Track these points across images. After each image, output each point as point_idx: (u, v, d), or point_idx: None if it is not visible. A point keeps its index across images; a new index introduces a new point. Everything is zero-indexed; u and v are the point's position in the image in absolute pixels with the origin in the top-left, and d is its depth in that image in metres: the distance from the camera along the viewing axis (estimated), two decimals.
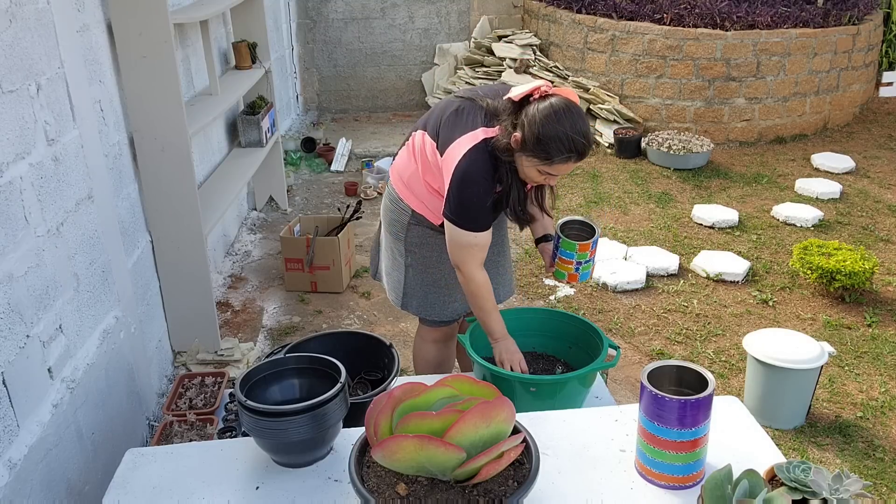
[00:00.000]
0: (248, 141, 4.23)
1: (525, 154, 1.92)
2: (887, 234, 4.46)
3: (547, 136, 1.85)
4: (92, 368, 2.25)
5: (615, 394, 2.98)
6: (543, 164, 1.92)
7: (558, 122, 1.85)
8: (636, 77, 5.96)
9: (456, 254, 2.07)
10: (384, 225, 2.33)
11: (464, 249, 2.05)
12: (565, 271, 2.19)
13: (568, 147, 1.87)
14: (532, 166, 1.94)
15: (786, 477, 1.25)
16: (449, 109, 2.06)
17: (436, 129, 2.07)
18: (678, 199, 5.00)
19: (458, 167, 1.95)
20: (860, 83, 6.46)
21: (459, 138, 1.98)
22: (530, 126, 1.87)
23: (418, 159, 2.13)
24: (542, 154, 1.89)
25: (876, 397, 2.99)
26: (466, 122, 2.00)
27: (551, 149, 1.87)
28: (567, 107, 1.88)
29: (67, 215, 2.17)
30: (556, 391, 1.96)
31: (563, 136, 1.86)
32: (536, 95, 1.90)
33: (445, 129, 2.03)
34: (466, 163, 1.95)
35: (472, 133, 1.97)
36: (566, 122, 1.86)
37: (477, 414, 1.14)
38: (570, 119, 1.87)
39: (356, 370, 1.97)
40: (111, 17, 2.62)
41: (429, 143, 2.09)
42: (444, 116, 2.06)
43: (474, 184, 1.97)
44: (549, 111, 1.87)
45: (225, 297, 3.79)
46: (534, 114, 1.87)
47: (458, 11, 6.89)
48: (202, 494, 1.42)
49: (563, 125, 1.86)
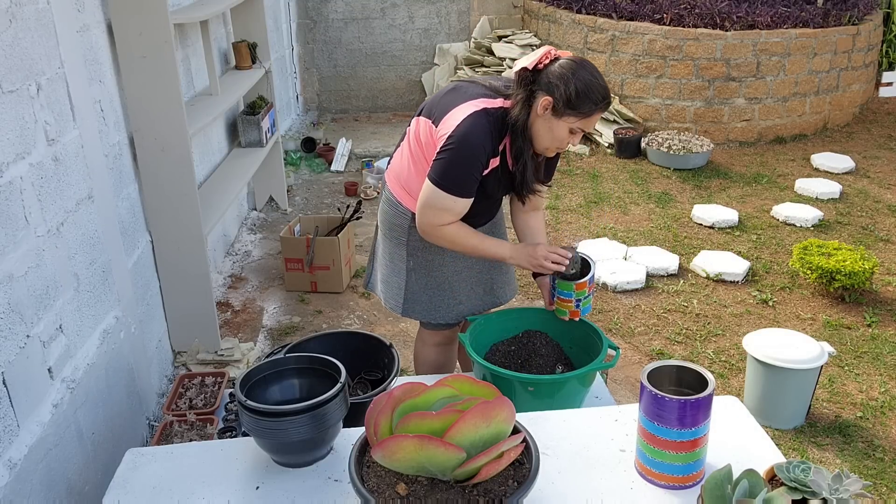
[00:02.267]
0: (248, 141, 4.23)
1: (559, 114, 1.91)
2: (887, 234, 4.46)
3: (584, 87, 1.88)
4: (92, 368, 2.26)
5: (615, 394, 2.98)
6: (581, 119, 1.92)
7: (589, 74, 1.90)
8: (636, 77, 5.96)
9: (428, 213, 2.01)
10: (382, 230, 2.29)
11: (438, 212, 1.99)
12: (566, 309, 2.13)
13: (603, 95, 1.91)
14: (567, 125, 1.93)
15: (786, 477, 1.25)
16: (445, 90, 2.08)
17: (431, 109, 2.06)
18: (678, 199, 5.00)
19: (457, 129, 1.93)
20: (860, 83, 6.46)
21: (458, 106, 1.97)
22: (563, 83, 1.88)
23: (413, 149, 2.10)
24: (582, 107, 1.90)
25: (876, 397, 2.99)
26: (465, 93, 2.00)
27: (591, 98, 1.89)
28: (585, 61, 1.94)
29: (67, 215, 2.17)
30: (555, 390, 1.96)
31: (596, 85, 1.90)
32: (546, 60, 1.92)
33: (442, 104, 2.02)
34: (466, 126, 1.93)
35: (472, 101, 1.96)
36: (595, 73, 1.91)
37: (477, 414, 1.14)
38: (595, 70, 1.93)
39: (356, 370, 1.97)
40: (111, 17, 2.62)
41: (423, 122, 2.06)
42: (439, 96, 2.07)
43: (471, 147, 1.94)
44: (574, 66, 1.90)
45: (225, 297, 3.79)
46: (561, 72, 1.89)
47: (458, 11, 6.89)
48: (202, 494, 1.42)
49: (593, 75, 1.90)
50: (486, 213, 2.22)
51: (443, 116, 1.99)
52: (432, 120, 2.03)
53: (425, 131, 2.05)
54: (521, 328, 2.26)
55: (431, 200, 1.99)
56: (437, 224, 2.02)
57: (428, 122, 2.05)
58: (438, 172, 1.96)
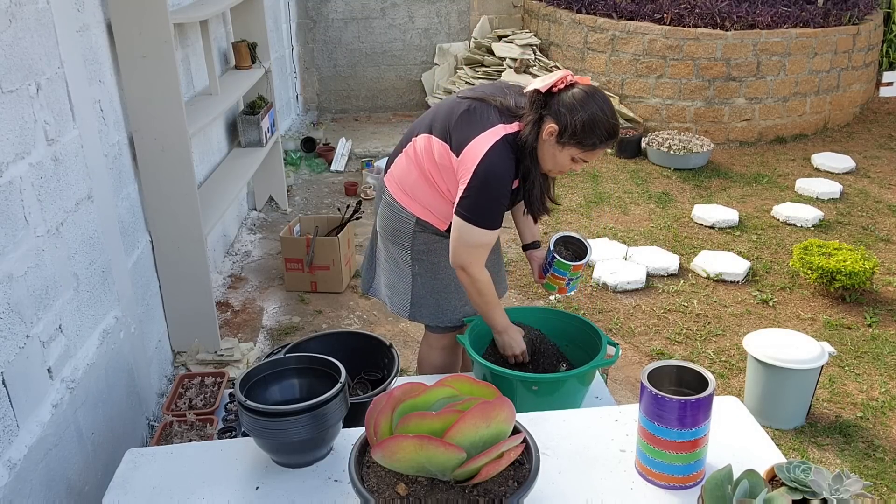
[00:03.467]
0: (247, 141, 4.23)
1: (564, 143, 1.92)
2: (887, 234, 4.46)
3: (591, 122, 1.88)
4: (92, 368, 2.25)
5: (615, 394, 2.98)
6: (585, 151, 1.93)
7: (598, 109, 1.88)
8: (636, 77, 5.96)
9: (463, 253, 2.04)
10: (384, 236, 2.28)
11: (473, 249, 2.02)
12: (556, 285, 2.25)
13: (610, 132, 1.91)
14: (569, 154, 1.94)
15: (786, 477, 1.25)
16: (458, 110, 2.03)
17: (445, 130, 2.04)
18: (678, 199, 5.00)
19: (481, 165, 1.93)
20: (860, 83, 6.46)
21: (478, 136, 1.96)
22: (571, 114, 1.87)
23: (424, 163, 2.09)
24: (587, 141, 1.90)
25: (876, 397, 2.99)
26: (482, 120, 1.99)
27: (595, 134, 1.89)
28: (599, 93, 1.92)
29: (67, 215, 2.17)
30: (555, 389, 1.96)
31: (604, 122, 1.89)
32: (562, 85, 1.91)
33: (459, 130, 2.00)
34: (490, 160, 1.93)
35: (492, 130, 1.96)
36: (605, 108, 1.90)
37: (477, 414, 1.14)
38: (606, 104, 1.91)
39: (356, 370, 1.97)
40: (111, 17, 2.62)
41: (437, 144, 2.05)
42: (453, 117, 2.03)
43: (498, 181, 1.95)
44: (585, 98, 1.88)
45: (225, 297, 3.79)
46: (571, 102, 1.88)
47: (458, 11, 6.89)
48: (202, 494, 1.42)
49: (603, 111, 1.89)
50: None
51: (462, 146, 1.98)
52: (450, 146, 2.02)
53: (441, 154, 2.05)
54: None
55: (466, 237, 2.01)
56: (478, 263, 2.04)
57: (444, 145, 2.04)
58: (470, 210, 1.98)
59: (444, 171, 2.06)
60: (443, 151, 2.04)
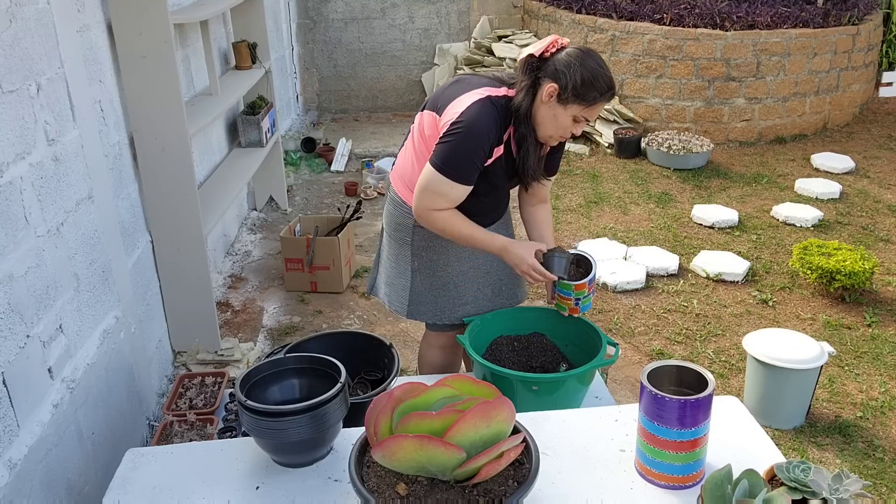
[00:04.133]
0: (248, 141, 4.23)
1: (565, 102, 1.93)
2: (887, 234, 4.46)
3: (590, 76, 1.90)
4: (92, 368, 2.26)
5: (615, 394, 2.98)
6: (587, 107, 1.94)
7: (595, 63, 1.92)
8: (636, 77, 5.96)
9: (425, 197, 2.00)
10: (388, 231, 2.29)
11: (434, 196, 1.99)
12: (566, 306, 2.16)
13: (608, 84, 1.93)
14: (571, 113, 1.95)
15: (786, 477, 1.25)
16: (449, 83, 2.09)
17: (435, 102, 2.07)
18: (678, 199, 5.00)
19: (461, 117, 1.94)
20: (860, 83, 6.46)
21: (462, 95, 1.98)
22: (570, 71, 1.90)
23: (418, 147, 2.10)
24: (588, 95, 1.92)
25: (876, 397, 2.99)
26: (469, 83, 2.02)
27: (596, 87, 1.91)
28: (591, 51, 1.96)
29: (67, 215, 2.17)
30: (554, 389, 1.96)
31: (601, 75, 1.92)
32: (553, 49, 1.94)
33: (446, 96, 2.04)
34: (469, 113, 1.94)
35: (477, 90, 1.98)
36: (601, 63, 1.94)
37: (477, 414, 1.14)
38: (600, 59, 1.95)
39: (356, 370, 1.97)
40: (111, 17, 2.62)
41: (427, 116, 2.07)
42: (444, 90, 2.08)
43: (473, 135, 1.94)
44: (581, 54, 1.92)
45: (225, 297, 3.79)
46: (568, 60, 1.91)
47: (458, 11, 6.89)
48: (202, 494, 1.42)
49: (599, 65, 1.92)
50: (493, 209, 2.22)
51: (447, 105, 2.01)
52: (436, 111, 2.05)
53: (430, 124, 2.06)
54: (519, 328, 2.26)
55: (429, 184, 1.99)
56: (431, 208, 2.02)
57: (432, 114, 2.06)
58: (440, 157, 1.97)
59: (431, 141, 2.05)
60: (430, 122, 2.06)
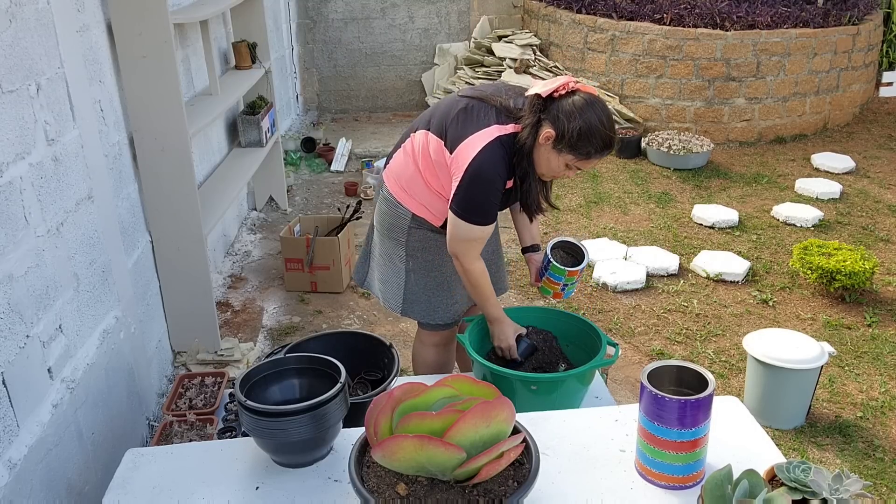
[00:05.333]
0: (248, 141, 4.23)
1: (559, 149, 1.93)
2: (887, 234, 4.46)
3: (588, 131, 1.89)
4: (92, 368, 2.25)
5: (615, 394, 2.98)
6: (579, 159, 1.94)
7: (596, 119, 1.89)
8: (636, 77, 5.96)
9: (457, 246, 2.07)
10: (380, 231, 2.29)
11: (466, 243, 2.05)
12: (551, 290, 2.27)
13: (606, 143, 1.92)
14: (564, 161, 1.95)
15: (786, 477, 1.25)
16: (456, 108, 2.05)
17: (441, 127, 2.05)
18: (678, 199, 5.00)
19: (473, 163, 1.95)
20: (860, 83, 6.46)
21: (472, 135, 1.97)
22: (569, 121, 1.88)
23: (419, 159, 2.11)
24: (582, 149, 1.91)
25: (876, 397, 2.99)
26: (478, 119, 2.00)
27: (591, 144, 1.90)
28: (599, 102, 1.92)
29: (67, 215, 2.17)
30: (554, 389, 1.96)
31: (600, 133, 1.90)
32: (563, 91, 1.91)
33: (454, 127, 2.02)
34: (481, 159, 1.95)
35: (486, 130, 1.97)
36: (604, 118, 1.91)
37: (477, 414, 1.14)
38: (605, 115, 1.91)
39: (356, 370, 1.97)
40: (111, 17, 2.62)
41: (433, 141, 2.07)
42: (450, 115, 2.05)
43: (488, 180, 1.97)
44: (584, 106, 1.89)
45: (225, 297, 3.79)
46: (570, 109, 1.89)
47: (458, 11, 6.89)
48: (202, 494, 1.42)
49: (600, 121, 1.90)
50: None
51: (456, 144, 2.00)
52: (445, 143, 2.04)
53: (437, 150, 2.06)
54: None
55: (461, 234, 2.04)
56: (471, 255, 2.08)
57: (439, 142, 2.05)
58: (462, 207, 2.00)
59: (438, 167, 2.07)
60: (438, 148, 2.06)
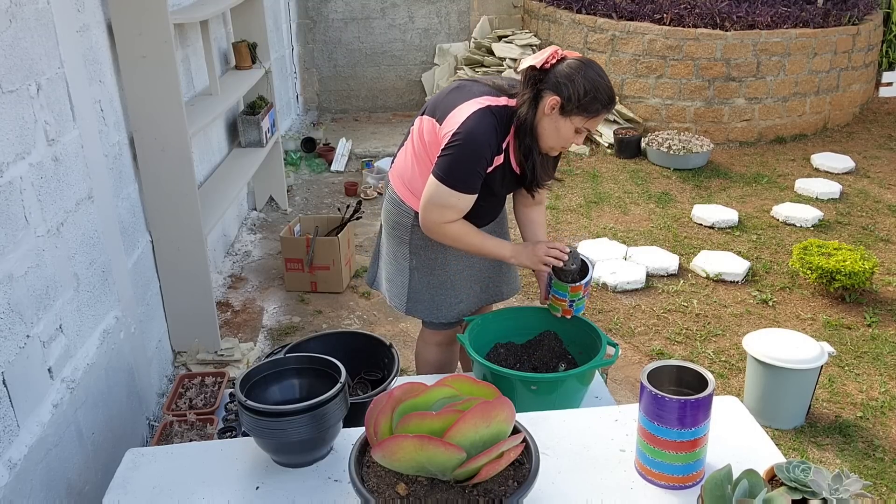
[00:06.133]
0: (248, 141, 4.23)
1: (566, 114, 1.93)
2: (887, 234, 4.46)
3: (592, 87, 1.90)
4: (92, 368, 2.26)
5: (615, 394, 2.98)
6: (589, 119, 1.94)
7: (596, 74, 1.91)
8: (636, 77, 5.96)
9: (433, 210, 2.01)
10: (386, 229, 2.30)
11: (442, 209, 2.00)
12: (559, 307, 2.18)
13: (609, 96, 1.93)
14: (574, 125, 1.95)
15: (786, 477, 1.25)
16: (449, 89, 2.08)
17: (435, 108, 2.07)
18: (678, 199, 5.00)
19: (461, 127, 1.94)
20: (860, 83, 6.46)
21: (462, 104, 1.98)
22: (572, 83, 1.89)
23: (418, 149, 2.10)
24: (591, 107, 1.92)
25: (876, 397, 2.99)
26: (469, 91, 2.01)
27: (598, 99, 1.91)
28: (591, 61, 1.95)
29: (67, 215, 2.17)
30: (554, 389, 1.96)
31: (603, 86, 1.92)
32: (553, 60, 1.93)
33: (445, 103, 2.03)
34: (470, 124, 1.93)
35: (477, 99, 1.97)
36: (602, 73, 1.93)
37: (477, 414, 1.14)
38: (601, 70, 1.94)
39: (356, 370, 1.97)
40: (111, 17, 2.62)
41: (426, 122, 2.07)
42: (442, 95, 2.07)
43: (474, 143, 1.94)
44: (581, 66, 1.91)
45: (225, 297, 3.79)
46: (569, 72, 1.90)
47: (458, 11, 6.89)
48: (202, 494, 1.42)
49: (600, 76, 1.92)
50: (489, 212, 2.23)
51: (447, 114, 2.00)
52: (436, 118, 2.04)
53: (429, 130, 2.06)
54: (520, 328, 2.26)
55: (436, 197, 2.00)
56: (441, 221, 2.03)
57: (432, 120, 2.06)
58: (443, 169, 1.97)
59: (431, 147, 2.05)
60: (430, 128, 2.05)
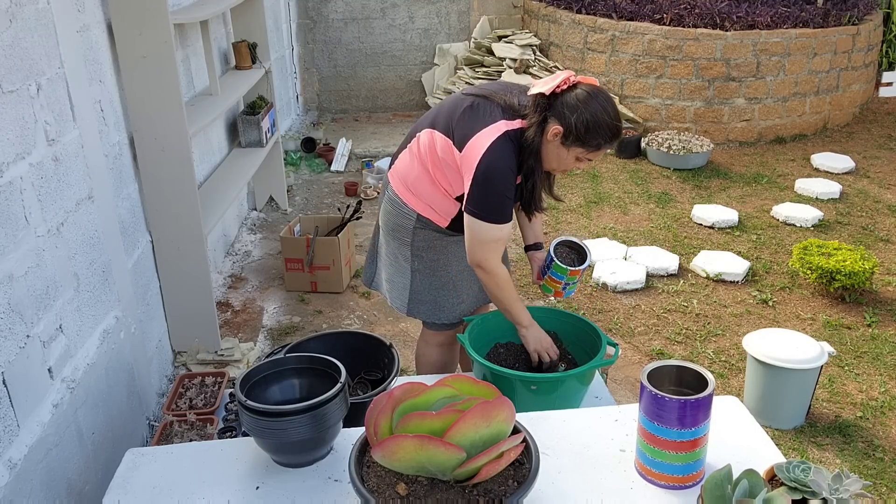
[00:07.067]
0: (248, 141, 4.23)
1: (569, 144, 1.94)
2: (887, 234, 4.46)
3: (594, 123, 1.90)
4: (92, 368, 2.26)
5: (615, 394, 2.98)
6: (589, 151, 1.95)
7: (601, 109, 1.91)
8: (636, 77, 5.96)
9: (478, 250, 2.05)
10: (385, 231, 2.30)
11: (486, 245, 2.03)
12: (552, 288, 2.27)
13: (612, 132, 1.93)
14: (574, 154, 1.96)
15: (786, 477, 1.25)
16: (462, 106, 2.05)
17: (448, 125, 2.05)
18: (678, 199, 5.00)
19: (483, 160, 1.95)
20: (860, 83, 6.46)
21: (480, 132, 1.97)
22: (576, 115, 1.89)
23: (426, 159, 2.10)
24: (591, 141, 1.92)
25: (876, 397, 2.99)
26: (485, 116, 2.00)
27: (599, 134, 1.91)
28: (601, 93, 1.94)
29: (67, 215, 2.17)
30: (554, 389, 1.96)
31: (606, 122, 1.91)
32: (564, 86, 1.93)
33: (461, 125, 2.02)
34: (491, 155, 1.94)
35: (494, 126, 1.98)
36: (608, 108, 1.92)
37: (477, 414, 1.14)
38: (608, 104, 1.93)
39: (356, 370, 1.97)
40: (111, 17, 2.62)
41: (440, 139, 2.06)
42: (456, 113, 2.05)
43: (500, 176, 1.97)
44: (588, 99, 1.90)
45: (225, 297, 3.79)
46: (574, 103, 1.90)
47: (458, 11, 6.89)
48: (202, 494, 1.42)
49: (605, 111, 1.91)
50: None
51: (465, 141, 1.99)
52: (453, 141, 2.03)
53: (444, 149, 2.06)
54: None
55: (478, 234, 2.02)
56: (494, 259, 2.05)
57: (447, 140, 2.05)
58: (478, 206, 1.99)
59: (446, 166, 2.07)
60: (445, 147, 2.05)
